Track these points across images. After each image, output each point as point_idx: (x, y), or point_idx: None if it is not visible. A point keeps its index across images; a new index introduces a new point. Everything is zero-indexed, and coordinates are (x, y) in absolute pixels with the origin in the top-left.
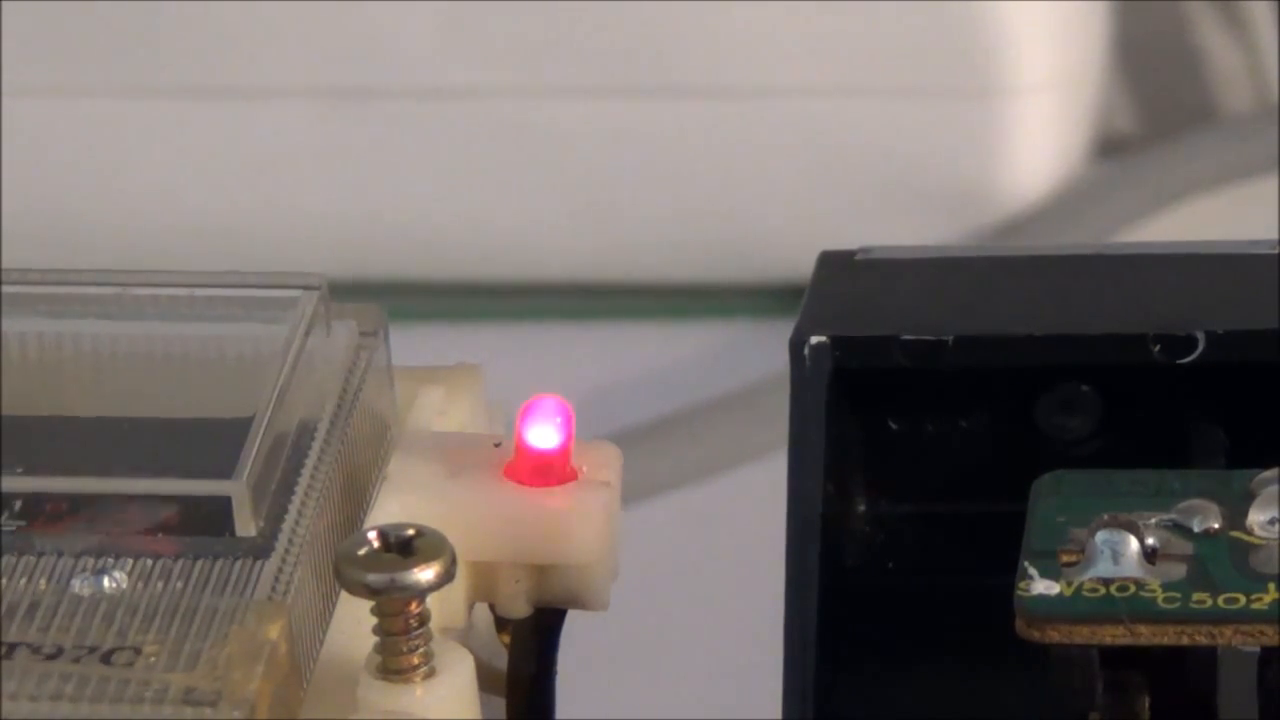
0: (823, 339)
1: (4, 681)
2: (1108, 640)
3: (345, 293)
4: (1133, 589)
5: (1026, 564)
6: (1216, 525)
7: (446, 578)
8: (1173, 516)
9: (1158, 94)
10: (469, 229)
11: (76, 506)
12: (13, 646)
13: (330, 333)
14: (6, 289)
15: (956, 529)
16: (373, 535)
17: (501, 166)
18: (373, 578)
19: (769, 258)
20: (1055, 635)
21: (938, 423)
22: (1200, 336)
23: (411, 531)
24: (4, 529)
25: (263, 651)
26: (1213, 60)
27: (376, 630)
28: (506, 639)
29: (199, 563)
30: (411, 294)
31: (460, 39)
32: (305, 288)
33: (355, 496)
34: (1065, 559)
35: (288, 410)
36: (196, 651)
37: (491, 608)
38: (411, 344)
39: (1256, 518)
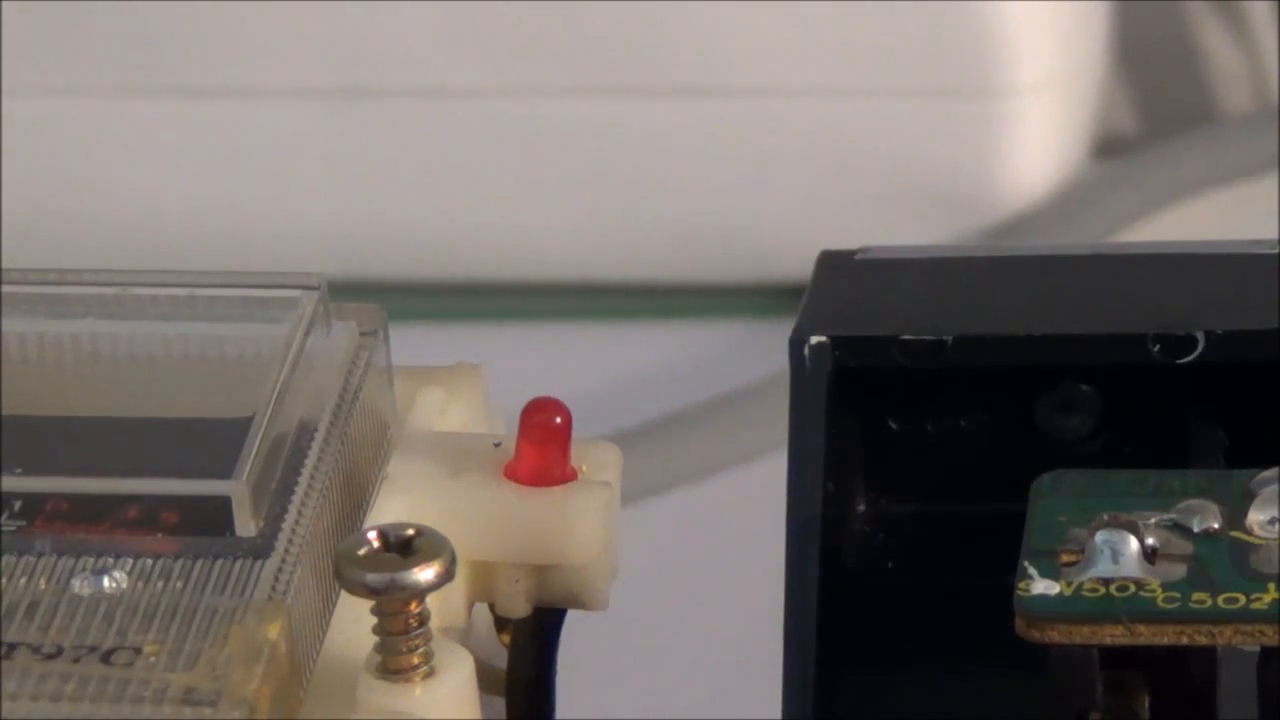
0: (823, 339)
1: (4, 681)
2: (1108, 640)
3: (345, 293)
4: (1133, 589)
5: (1026, 564)
6: (1216, 525)
7: (446, 578)
8: (1173, 516)
9: (1158, 94)
10: (469, 229)
11: (76, 506)
12: (13, 646)
13: (330, 333)
14: (6, 289)
15: (956, 529)
16: (373, 535)
17: (501, 166)
18: (373, 578)
19: (769, 258)
20: (1055, 635)
21: (938, 423)
22: (1200, 336)
23: (411, 531)
24: (4, 529)
25: (262, 651)
26: (1213, 60)
27: (376, 630)
28: (506, 639)
29: (199, 563)
30: (411, 294)
31: (460, 39)
32: (305, 288)
33: (355, 496)
34: (1065, 559)
35: (288, 410)
36: (196, 651)
37: (491, 608)
38: (411, 344)
39: (1256, 518)
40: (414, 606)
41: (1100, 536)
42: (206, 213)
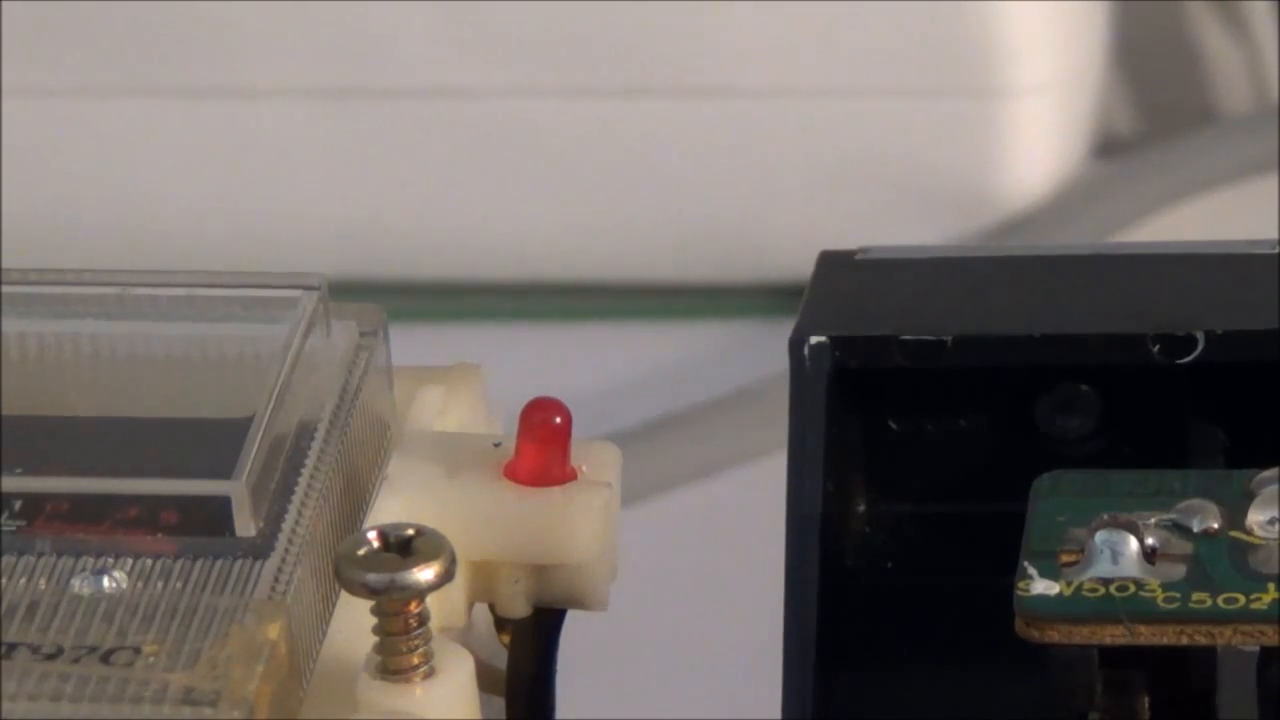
0: (822, 339)
1: (4, 681)
2: (1107, 640)
3: (345, 293)
4: (1132, 589)
5: (1026, 564)
6: (1216, 525)
7: (446, 578)
8: (1172, 516)
9: (1158, 94)
10: (469, 229)
11: (76, 506)
12: (13, 646)
13: (330, 333)
14: (6, 289)
15: (956, 529)
16: (372, 535)
17: (501, 166)
18: (372, 578)
19: (769, 258)
20: (1055, 635)
21: (938, 423)
22: (1200, 336)
23: (411, 531)
24: (4, 529)
25: (262, 651)
26: (1213, 60)
27: (376, 630)
28: (506, 639)
29: (199, 563)
30: (411, 294)
31: (460, 39)
32: (305, 288)
33: (355, 496)
34: (1065, 559)
35: (287, 410)
36: (196, 651)
37: (491, 608)
38: (411, 344)
39: (1256, 518)
40: (414, 607)
41: (1100, 537)
42: (206, 213)
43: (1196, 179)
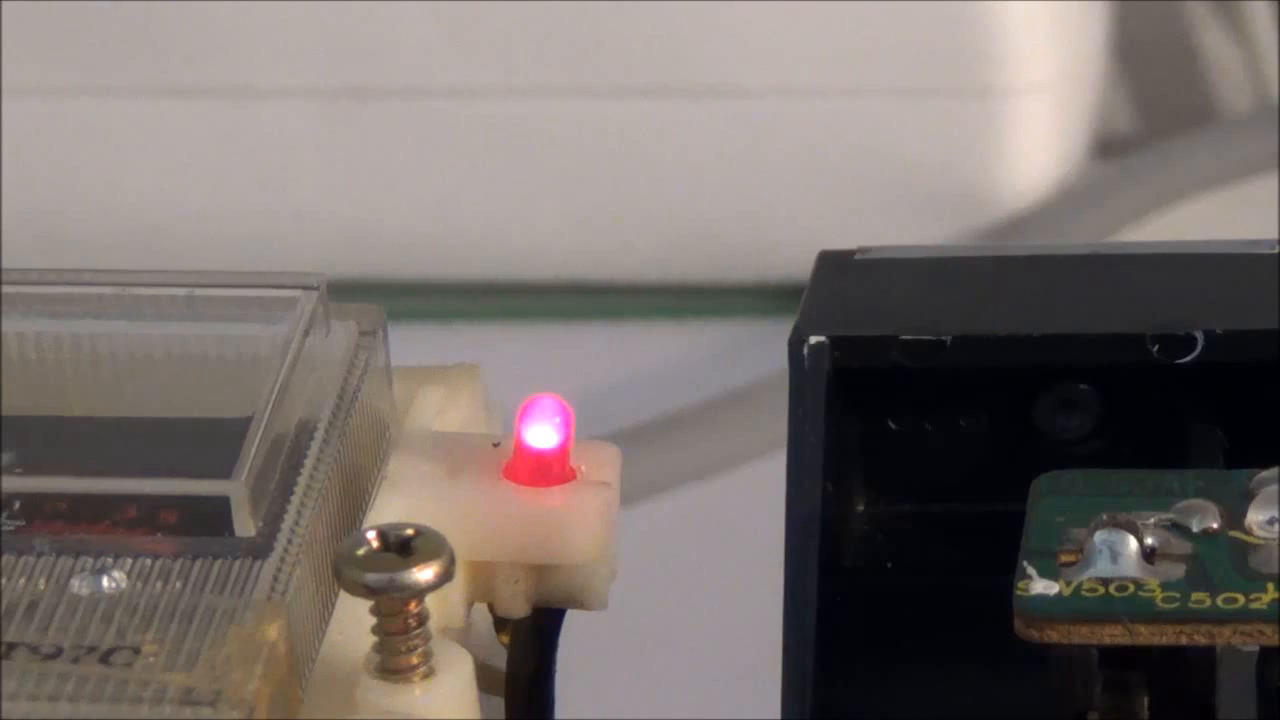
0: (821, 339)
1: (4, 681)
2: (1107, 640)
3: (345, 293)
4: (1131, 589)
5: (1025, 564)
6: (1215, 525)
7: (445, 577)
8: (1171, 516)
9: (1158, 94)
10: (469, 229)
11: (76, 506)
12: (12, 646)
13: (329, 333)
14: (6, 289)
15: (956, 529)
16: (371, 535)
17: (501, 166)
18: (371, 578)
19: (769, 258)
20: (1054, 635)
21: (937, 423)
22: (1199, 336)
23: (410, 531)
24: (4, 529)
25: (261, 651)
26: (1213, 60)
27: (375, 630)
28: (506, 639)
29: (198, 562)
30: (411, 294)
31: (460, 39)
32: (305, 288)
33: (354, 496)
34: (1064, 559)
35: (287, 410)
36: (195, 651)
37: (491, 608)
38: (411, 344)
39: (1255, 517)
40: (413, 606)
41: (1099, 536)
42: (206, 213)
43: (1196, 179)
